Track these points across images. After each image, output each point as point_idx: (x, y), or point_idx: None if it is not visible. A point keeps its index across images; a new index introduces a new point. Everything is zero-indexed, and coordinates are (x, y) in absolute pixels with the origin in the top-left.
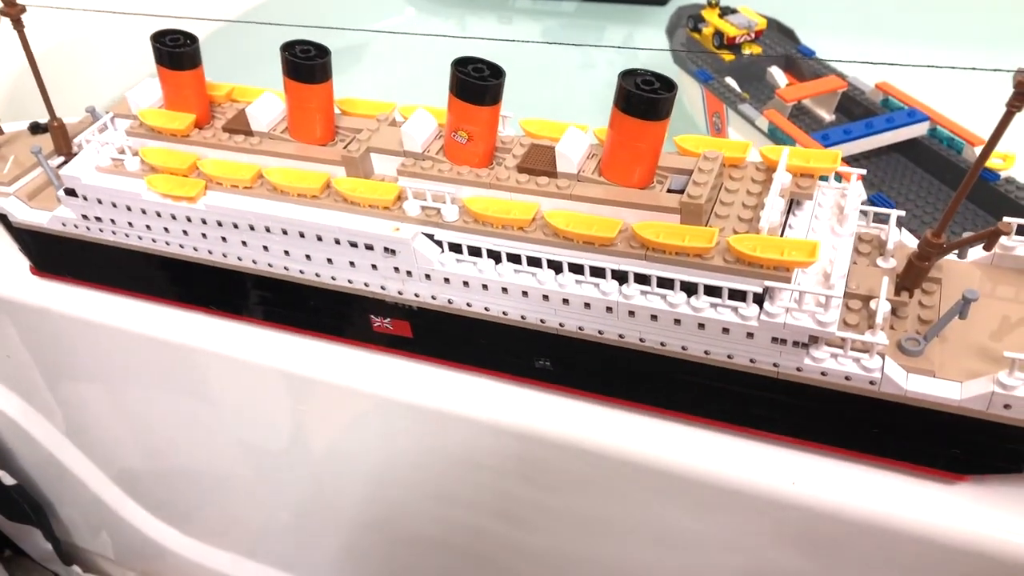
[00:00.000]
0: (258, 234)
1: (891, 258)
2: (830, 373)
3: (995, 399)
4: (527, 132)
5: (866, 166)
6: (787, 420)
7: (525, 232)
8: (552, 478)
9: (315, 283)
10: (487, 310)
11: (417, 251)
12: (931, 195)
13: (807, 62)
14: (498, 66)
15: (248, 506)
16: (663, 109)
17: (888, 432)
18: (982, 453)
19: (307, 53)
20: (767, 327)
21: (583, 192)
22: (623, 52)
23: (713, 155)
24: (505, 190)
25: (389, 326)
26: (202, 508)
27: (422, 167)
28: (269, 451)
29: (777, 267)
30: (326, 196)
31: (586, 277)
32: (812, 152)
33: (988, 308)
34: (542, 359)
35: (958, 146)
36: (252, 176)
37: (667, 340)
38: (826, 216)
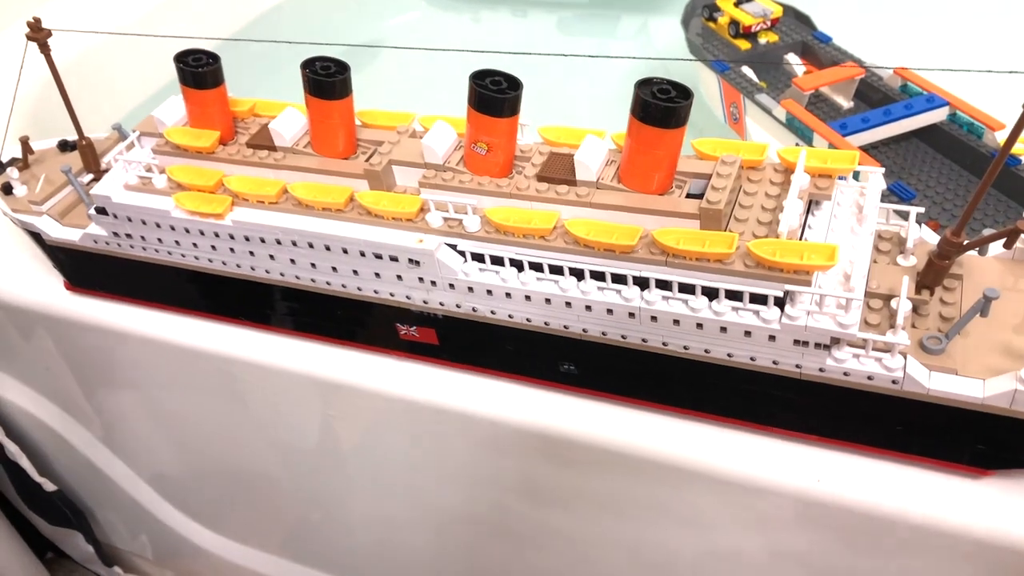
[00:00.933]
0: (285, 248)
1: (911, 256)
2: (852, 373)
3: (1018, 396)
4: (546, 140)
5: (886, 153)
6: (811, 419)
7: (546, 241)
8: (579, 478)
9: (342, 294)
10: (511, 317)
11: (441, 262)
12: (952, 181)
13: (824, 49)
14: (515, 78)
15: (281, 506)
16: (680, 117)
17: (912, 429)
18: (1007, 448)
19: (327, 70)
20: (788, 330)
21: (603, 200)
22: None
23: (731, 159)
24: (525, 199)
25: (415, 333)
26: (236, 509)
27: (443, 179)
28: (300, 453)
29: (797, 271)
30: (350, 210)
31: (608, 284)
32: (830, 153)
33: (1010, 303)
34: (566, 363)
35: (978, 131)
36: (277, 192)
37: (690, 344)
38: (845, 215)
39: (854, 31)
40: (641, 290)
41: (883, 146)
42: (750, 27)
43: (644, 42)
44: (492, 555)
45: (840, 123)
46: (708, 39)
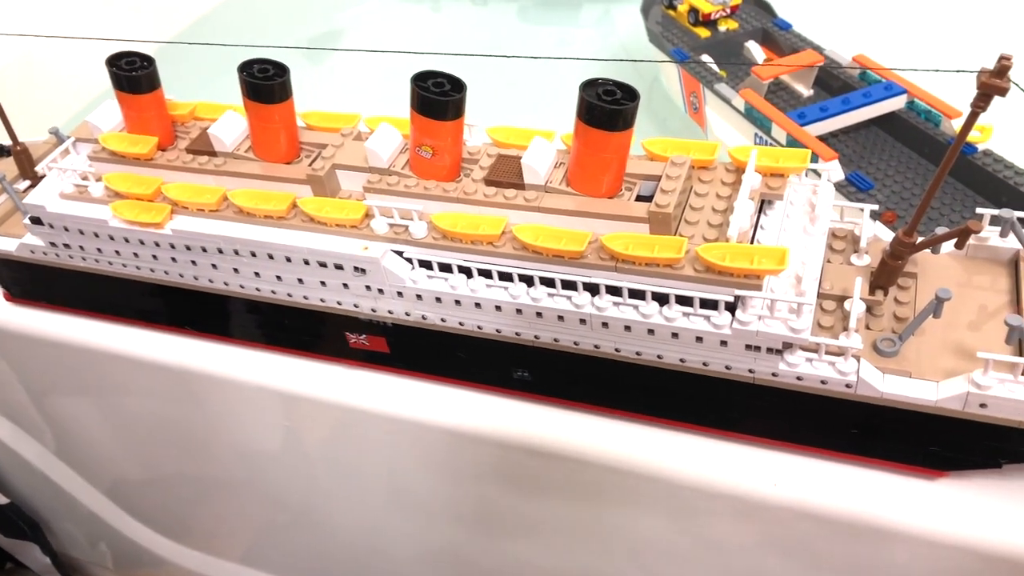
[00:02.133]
0: (227, 257)
1: (865, 255)
2: (805, 378)
3: (971, 399)
4: (495, 141)
5: (845, 142)
6: (766, 423)
7: (495, 247)
8: (534, 485)
9: (287, 302)
10: (461, 325)
11: (387, 269)
12: (910, 170)
13: (784, 36)
14: (459, 79)
15: (241, 514)
16: (626, 119)
17: (867, 432)
18: (960, 450)
19: (265, 72)
20: (740, 335)
21: (551, 204)
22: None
23: (680, 160)
24: (473, 204)
25: (365, 342)
26: (196, 518)
27: (388, 183)
28: (257, 463)
29: (747, 275)
30: (293, 217)
31: (558, 290)
32: (782, 151)
33: (965, 300)
34: (520, 370)
35: (935, 119)
36: (217, 199)
37: (642, 349)
38: (798, 215)
39: (814, 17)
40: (591, 296)
41: (842, 135)
42: (709, 15)
43: (607, 30)
44: (453, 559)
45: (798, 112)
46: (668, 27)
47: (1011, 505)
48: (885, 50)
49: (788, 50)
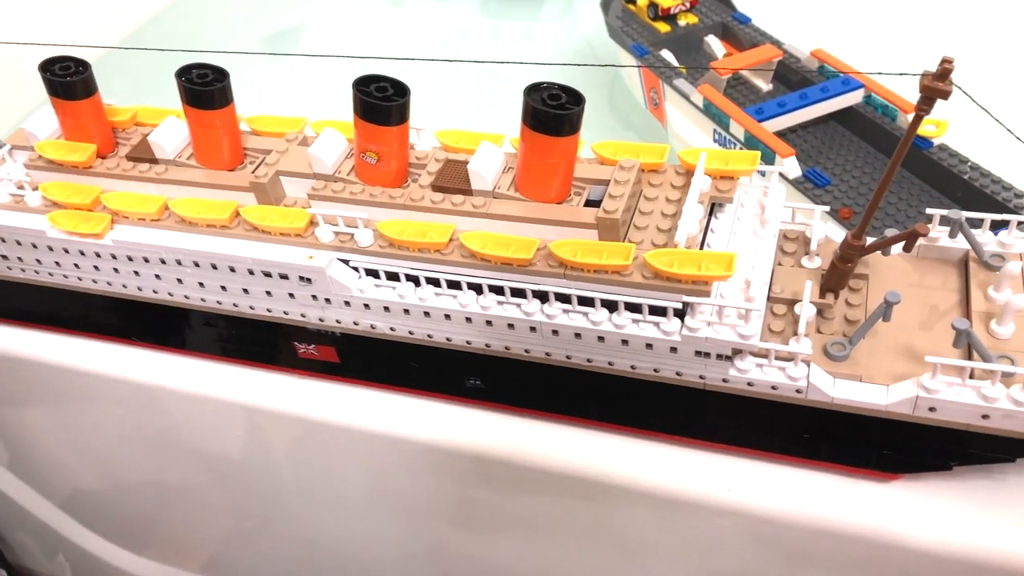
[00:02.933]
0: (170, 267)
1: (816, 257)
2: (756, 383)
3: (920, 403)
4: (443, 145)
5: (804, 137)
6: (719, 429)
7: (442, 255)
8: (490, 491)
9: (233, 313)
10: (411, 334)
11: (333, 279)
12: (868, 165)
13: (744, 30)
14: (402, 83)
15: (199, 525)
16: (572, 124)
17: (819, 436)
18: (912, 453)
19: (204, 78)
20: (689, 342)
21: (499, 210)
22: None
23: (629, 164)
24: (419, 211)
25: (315, 352)
26: (156, 529)
27: (333, 190)
28: (212, 473)
29: (696, 281)
30: (236, 226)
31: (507, 298)
32: (731, 153)
33: (916, 301)
34: (473, 378)
35: (892, 113)
36: (158, 208)
37: (593, 356)
38: (749, 217)
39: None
40: (541, 304)
41: (801, 129)
42: (669, 9)
43: (569, 24)
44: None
45: (756, 108)
46: (628, 22)
47: (962, 507)
48: (844, 44)
49: (748, 44)
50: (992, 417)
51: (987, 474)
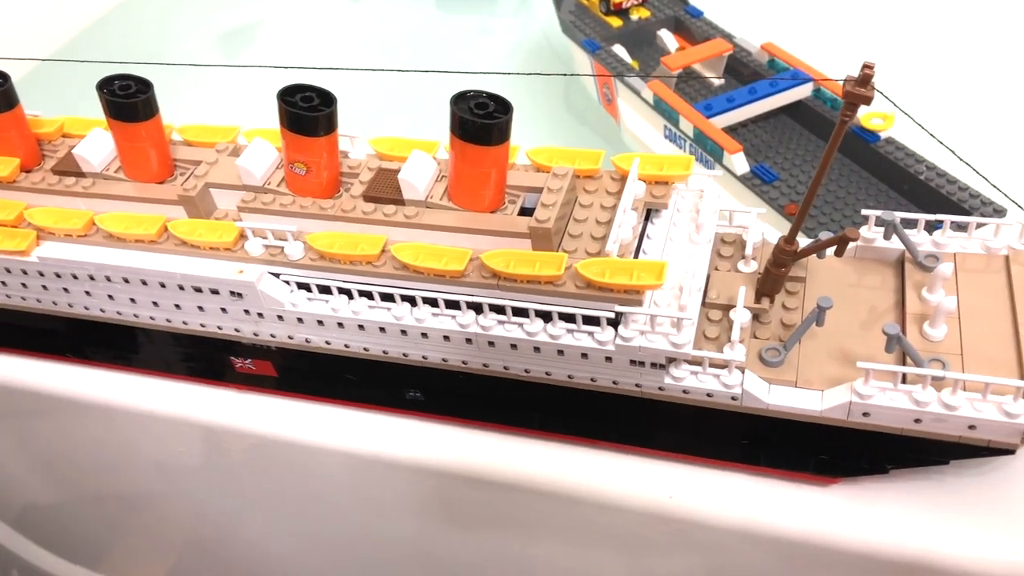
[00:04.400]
0: (99, 284)
1: (752, 261)
2: (691, 391)
3: (854, 408)
4: (378, 152)
5: (754, 132)
6: (659, 436)
7: (374, 267)
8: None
9: (167, 328)
10: (347, 347)
11: (264, 293)
12: (816, 159)
13: (696, 24)
14: (329, 92)
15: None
16: (501, 133)
17: (757, 442)
18: (849, 457)
19: (127, 90)
20: (623, 351)
21: (431, 220)
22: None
23: (563, 171)
24: (351, 222)
25: (252, 367)
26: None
27: (263, 202)
28: (159, 488)
29: (628, 291)
30: (165, 240)
31: (442, 310)
32: (666, 158)
33: (855, 302)
34: (412, 390)
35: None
36: (85, 224)
37: (530, 367)
38: (684, 222)
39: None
40: (476, 315)
41: (751, 124)
42: (620, 3)
43: (525, 18)
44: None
45: (705, 104)
46: (580, 17)
47: (898, 510)
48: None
49: (700, 38)
50: (924, 421)
51: (923, 476)
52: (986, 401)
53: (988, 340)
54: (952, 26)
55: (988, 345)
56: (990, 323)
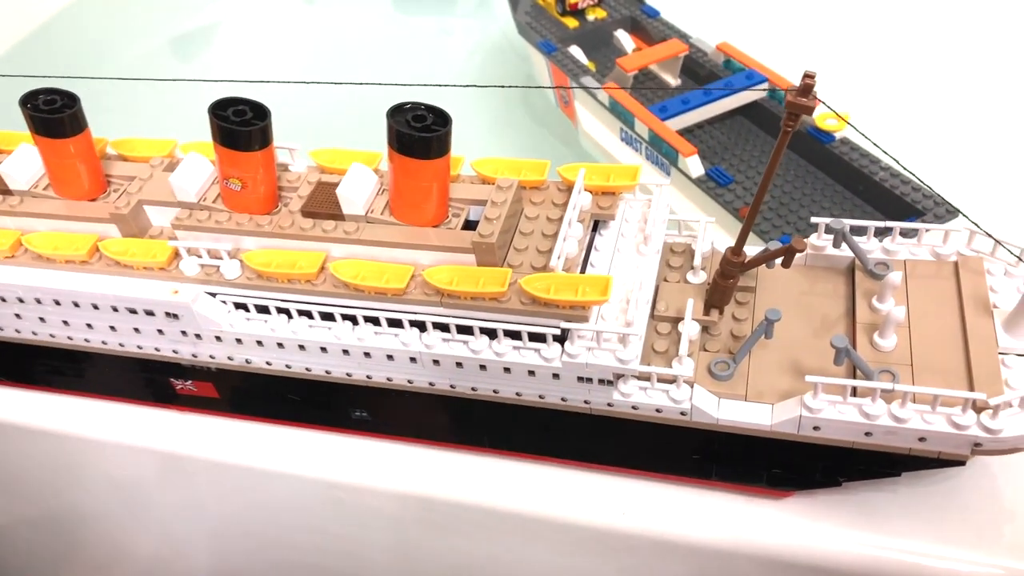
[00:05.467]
0: (30, 306)
1: (701, 271)
2: (640, 407)
3: (804, 422)
4: (318, 165)
5: (710, 133)
6: (610, 452)
7: (313, 285)
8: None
9: (103, 351)
10: (289, 367)
11: (200, 314)
12: None
13: (653, 24)
14: (262, 105)
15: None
16: (440, 146)
17: (708, 457)
18: (801, 471)
19: (52, 104)
20: (570, 368)
21: (372, 236)
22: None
23: (507, 183)
24: (289, 238)
25: (192, 388)
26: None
27: (198, 219)
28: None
29: (574, 306)
30: (96, 260)
31: (384, 328)
32: (612, 168)
33: (805, 311)
34: (358, 410)
35: None
36: (11, 244)
37: (477, 385)
38: (633, 233)
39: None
40: (420, 332)
41: (707, 125)
42: (576, 3)
43: (485, 18)
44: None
45: (660, 106)
46: (536, 18)
47: (851, 522)
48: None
49: (658, 38)
50: (875, 434)
51: (876, 488)
52: (935, 413)
53: (938, 349)
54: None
55: (938, 354)
56: (940, 332)
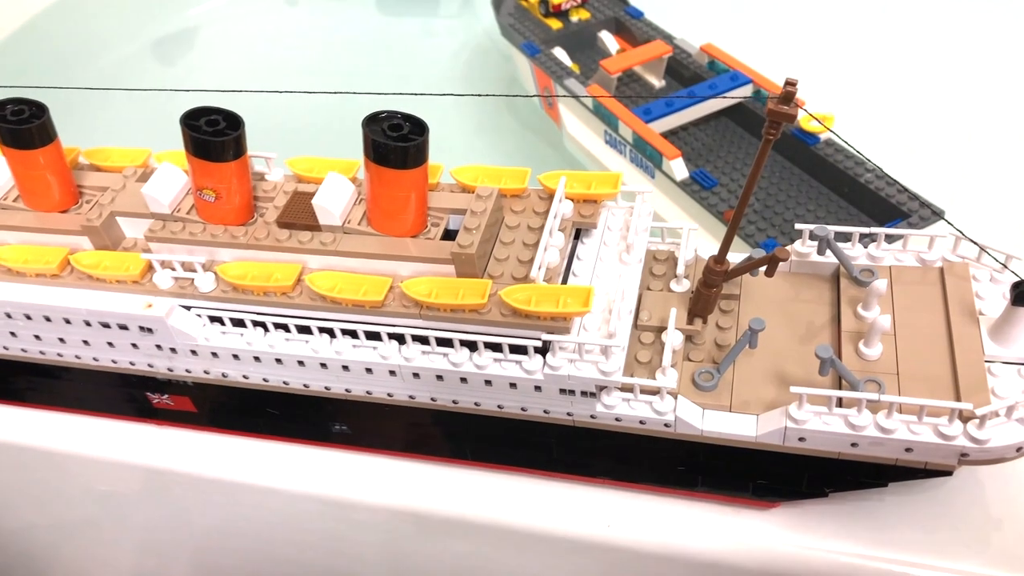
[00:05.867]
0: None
1: (684, 280)
2: (624, 419)
3: (789, 433)
4: (295, 173)
5: (695, 135)
6: (595, 464)
7: (289, 298)
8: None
9: (76, 365)
10: (266, 381)
11: (175, 328)
12: None
13: (637, 25)
14: (235, 115)
15: None
16: (417, 155)
17: (693, 468)
18: (787, 482)
19: (20, 115)
20: (552, 380)
21: (349, 247)
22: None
23: (487, 192)
24: (264, 250)
25: (169, 402)
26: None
27: (172, 231)
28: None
29: (555, 318)
30: (68, 274)
31: (362, 341)
32: (593, 176)
33: (791, 318)
34: (338, 424)
35: None
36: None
37: (458, 398)
38: (615, 241)
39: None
40: (399, 345)
41: (692, 127)
42: (560, 5)
43: (469, 19)
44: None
45: (644, 109)
46: (520, 19)
47: (838, 532)
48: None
49: (641, 39)
50: (861, 445)
51: (863, 498)
52: (922, 423)
53: (924, 357)
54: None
55: (924, 363)
56: (926, 339)
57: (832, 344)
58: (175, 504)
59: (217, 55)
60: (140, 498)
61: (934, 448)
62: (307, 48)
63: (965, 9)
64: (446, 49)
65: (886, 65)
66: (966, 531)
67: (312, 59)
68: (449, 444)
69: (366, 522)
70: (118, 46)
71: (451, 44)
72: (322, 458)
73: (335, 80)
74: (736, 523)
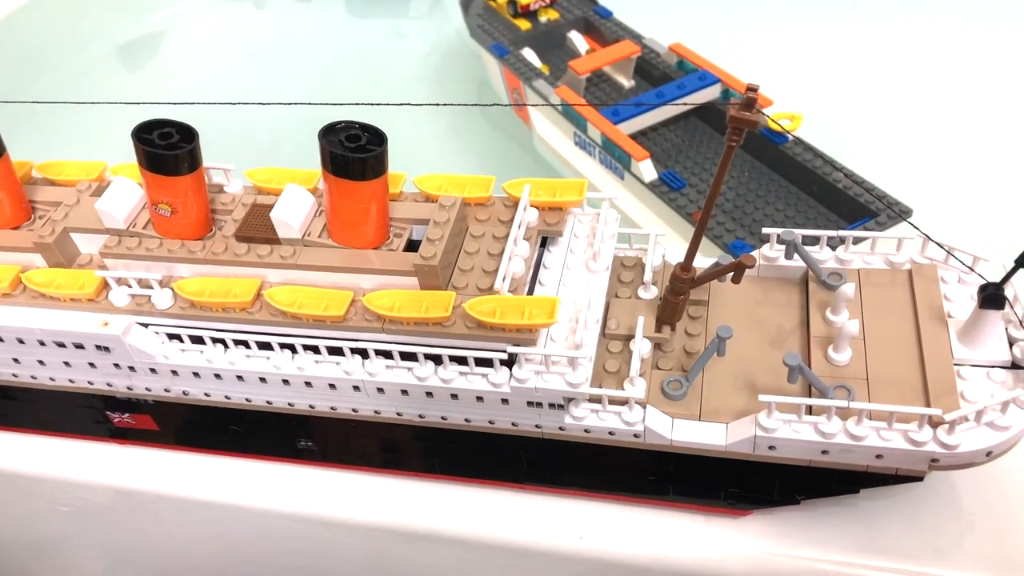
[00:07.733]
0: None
1: (652, 286)
2: (593, 430)
3: (759, 442)
4: (255, 184)
5: (665, 136)
6: (565, 475)
7: (249, 314)
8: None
9: (33, 386)
10: (228, 398)
11: (132, 346)
12: None
13: (606, 24)
14: (189, 127)
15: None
16: (376, 167)
17: (664, 478)
18: (759, 490)
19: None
20: (519, 392)
21: (310, 260)
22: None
23: (449, 201)
24: (223, 264)
25: (130, 421)
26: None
27: (127, 247)
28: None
29: (520, 330)
30: (20, 292)
31: (324, 356)
32: (559, 183)
33: (760, 323)
34: (303, 440)
35: None
36: None
37: (425, 412)
38: (582, 249)
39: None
40: (363, 359)
41: (661, 128)
42: (528, 5)
43: (439, 19)
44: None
45: (612, 110)
46: (489, 20)
47: (810, 539)
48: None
49: (611, 39)
50: (831, 452)
51: (835, 505)
52: (892, 430)
53: (893, 362)
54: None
55: (893, 367)
56: (895, 344)
57: (801, 349)
58: (140, 523)
59: (185, 58)
60: (107, 518)
61: (904, 454)
62: (276, 51)
63: (935, 9)
64: (417, 50)
65: (856, 62)
66: (939, 535)
67: (281, 62)
68: (418, 458)
69: (334, 538)
70: (81, 52)
71: (422, 45)
72: (289, 475)
73: (305, 83)
74: (709, 532)
